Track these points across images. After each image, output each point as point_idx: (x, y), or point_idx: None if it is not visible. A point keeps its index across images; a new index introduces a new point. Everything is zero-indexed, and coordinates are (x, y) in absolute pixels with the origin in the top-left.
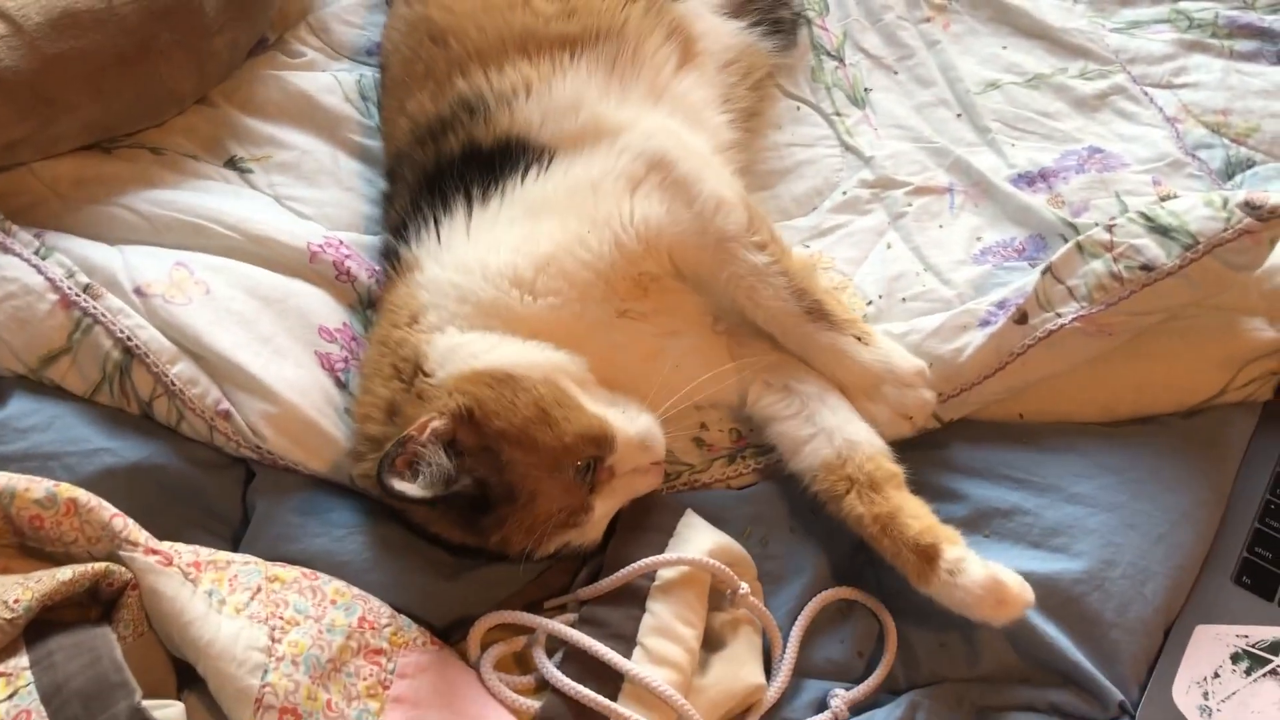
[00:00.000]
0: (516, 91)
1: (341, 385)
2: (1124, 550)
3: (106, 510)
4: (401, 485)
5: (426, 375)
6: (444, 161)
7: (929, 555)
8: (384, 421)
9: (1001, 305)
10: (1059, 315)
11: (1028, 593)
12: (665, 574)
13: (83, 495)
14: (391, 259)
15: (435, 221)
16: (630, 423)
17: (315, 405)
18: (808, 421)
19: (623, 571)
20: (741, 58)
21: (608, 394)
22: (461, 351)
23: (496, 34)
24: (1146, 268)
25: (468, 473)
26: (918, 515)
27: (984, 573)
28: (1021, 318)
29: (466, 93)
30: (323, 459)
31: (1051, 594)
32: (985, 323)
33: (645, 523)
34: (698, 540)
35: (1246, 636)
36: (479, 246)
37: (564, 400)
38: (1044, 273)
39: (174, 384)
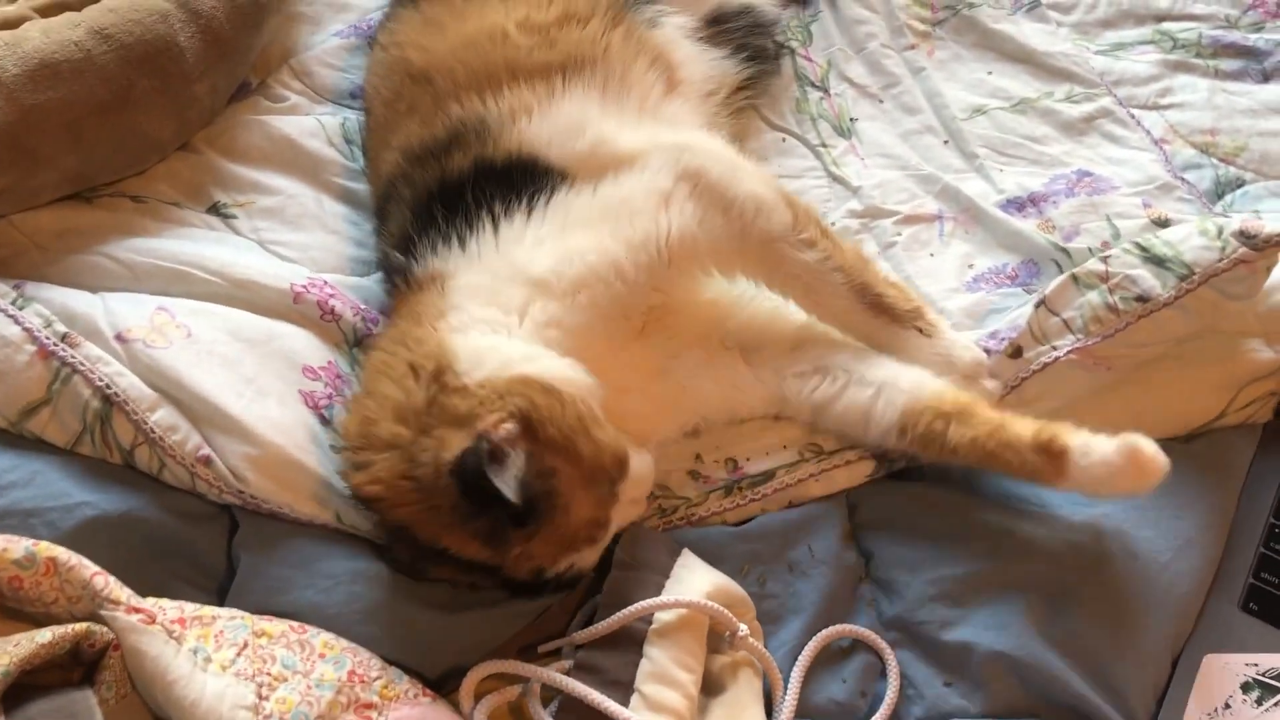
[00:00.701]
0: (517, 114)
1: (325, 422)
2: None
3: (87, 569)
4: (502, 481)
5: (457, 374)
6: (451, 178)
7: (1054, 449)
8: (395, 421)
9: (994, 336)
10: (1054, 349)
11: (1162, 456)
12: (663, 617)
13: (62, 554)
14: (400, 275)
15: (457, 235)
16: (635, 455)
17: (298, 444)
18: (862, 384)
19: (619, 615)
20: (721, 87)
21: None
22: (497, 354)
23: (481, 67)
24: (1142, 299)
25: (535, 478)
26: (1023, 420)
27: (1116, 443)
28: (1015, 352)
29: (465, 116)
30: (307, 497)
31: (1053, 627)
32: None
33: (641, 563)
34: (695, 581)
35: (1256, 665)
36: (512, 258)
37: (597, 419)
38: (1038, 306)
39: (154, 431)
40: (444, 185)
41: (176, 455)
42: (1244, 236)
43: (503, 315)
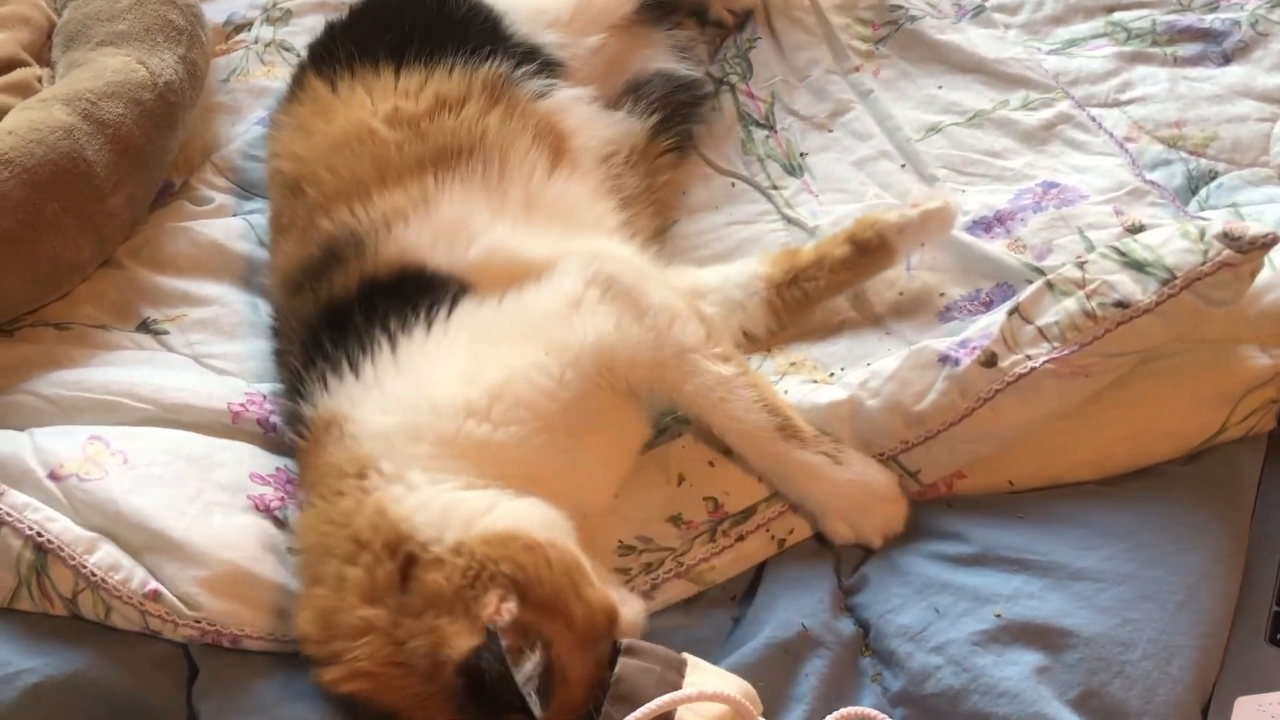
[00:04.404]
0: (392, 221)
1: (280, 523)
2: (1142, 626)
3: None
4: (526, 684)
5: (423, 545)
6: (338, 302)
7: (861, 239)
8: (364, 604)
9: (964, 344)
10: (1029, 358)
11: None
12: None
13: None
14: (297, 425)
15: (350, 362)
16: (624, 603)
17: (250, 555)
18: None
19: (638, 715)
20: (623, 149)
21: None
22: (458, 511)
23: (349, 172)
24: (1121, 304)
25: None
26: (830, 239)
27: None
28: (989, 360)
29: (335, 231)
30: (265, 610)
31: (1068, 687)
32: (945, 358)
33: (648, 653)
34: (710, 686)
35: None
36: (415, 381)
37: (582, 569)
38: (1011, 313)
39: (94, 574)
40: (330, 310)
41: (122, 595)
42: (1228, 238)
43: (430, 448)
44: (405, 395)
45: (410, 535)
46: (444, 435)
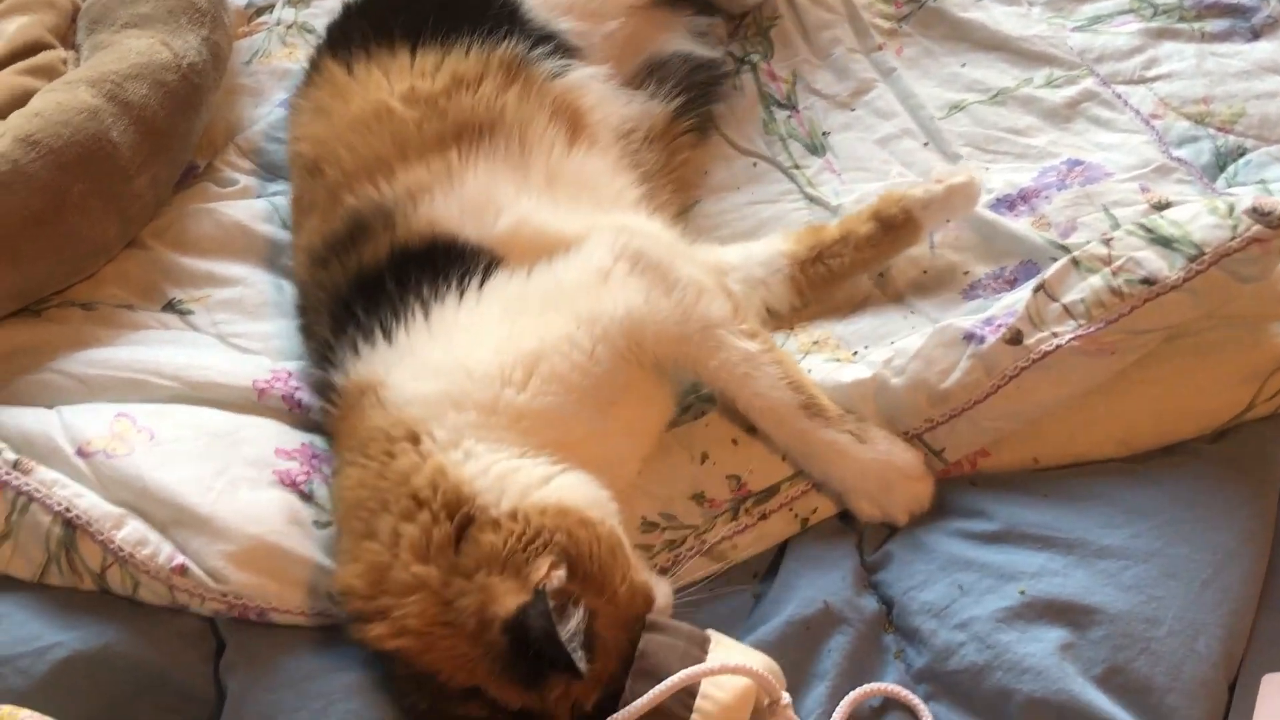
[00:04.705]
0: (418, 195)
1: (306, 497)
2: (1167, 604)
3: None
4: (571, 642)
5: (482, 507)
6: (369, 271)
7: (886, 215)
8: (418, 561)
9: (989, 322)
10: (1055, 335)
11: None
12: (705, 706)
13: (26, 717)
14: (327, 392)
15: (383, 329)
16: (657, 587)
17: (276, 529)
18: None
19: (663, 687)
20: (641, 126)
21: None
22: (518, 478)
23: (370, 150)
24: (1148, 281)
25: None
26: (854, 216)
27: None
28: (1014, 337)
29: (360, 206)
30: (293, 585)
31: (1093, 664)
32: (970, 336)
33: (672, 629)
34: (734, 661)
35: None
36: (450, 349)
37: (626, 552)
38: (1036, 290)
39: (122, 549)
40: (360, 279)
41: (150, 570)
42: (1257, 214)
43: (476, 415)
44: (441, 362)
45: (471, 498)
46: (483, 403)
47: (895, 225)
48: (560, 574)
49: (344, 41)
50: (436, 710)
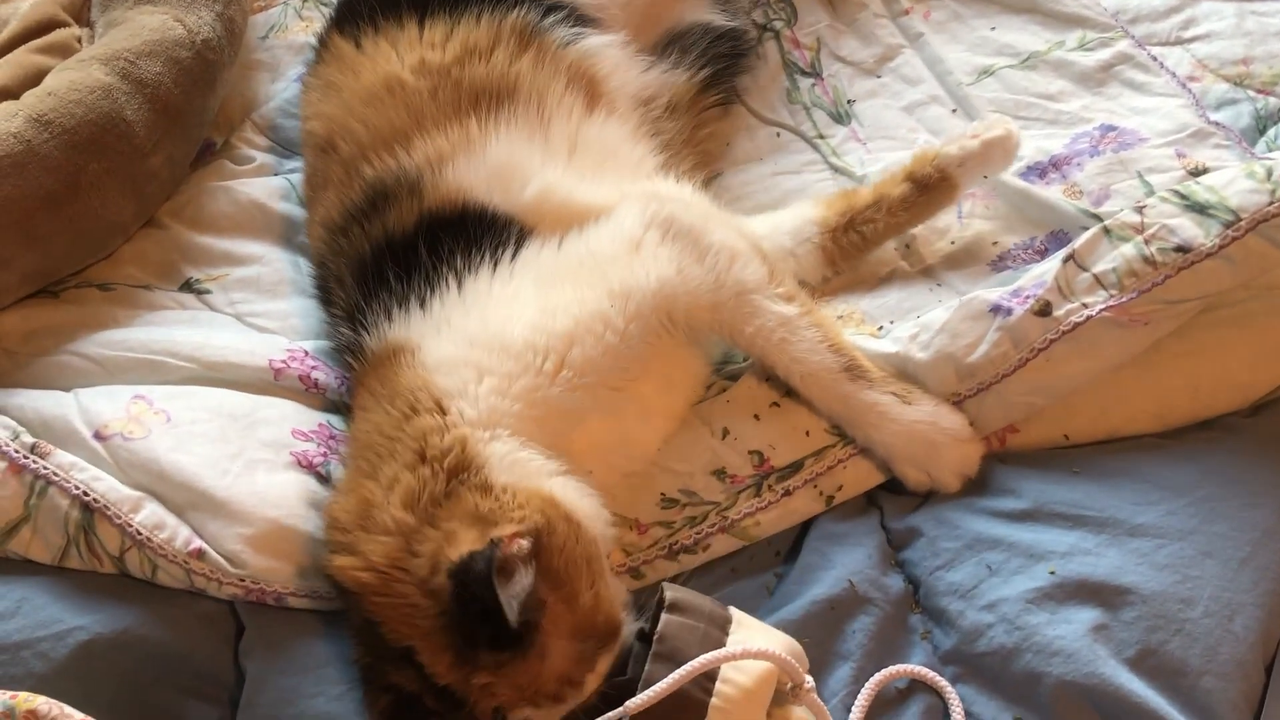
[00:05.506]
0: (439, 162)
1: (324, 479)
2: (1203, 584)
3: (73, 717)
4: (508, 596)
5: (483, 476)
6: (395, 237)
7: (920, 175)
8: (403, 507)
9: (1017, 293)
10: (1085, 306)
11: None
12: (725, 691)
13: (43, 705)
14: (356, 353)
15: (417, 297)
16: (630, 623)
17: (293, 512)
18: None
19: (683, 671)
20: (661, 94)
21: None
22: (526, 465)
23: (384, 121)
24: (1182, 249)
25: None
26: (889, 179)
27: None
28: (1043, 309)
29: (380, 174)
30: (312, 567)
31: (1125, 645)
32: (997, 308)
33: (694, 609)
34: (756, 643)
35: None
36: (484, 321)
37: (604, 571)
38: (1066, 260)
39: (140, 532)
40: (387, 244)
41: (167, 553)
42: None
43: (512, 401)
44: (476, 335)
45: (477, 466)
46: (514, 378)
47: (930, 185)
48: (524, 544)
49: (351, 17)
50: (373, 671)
